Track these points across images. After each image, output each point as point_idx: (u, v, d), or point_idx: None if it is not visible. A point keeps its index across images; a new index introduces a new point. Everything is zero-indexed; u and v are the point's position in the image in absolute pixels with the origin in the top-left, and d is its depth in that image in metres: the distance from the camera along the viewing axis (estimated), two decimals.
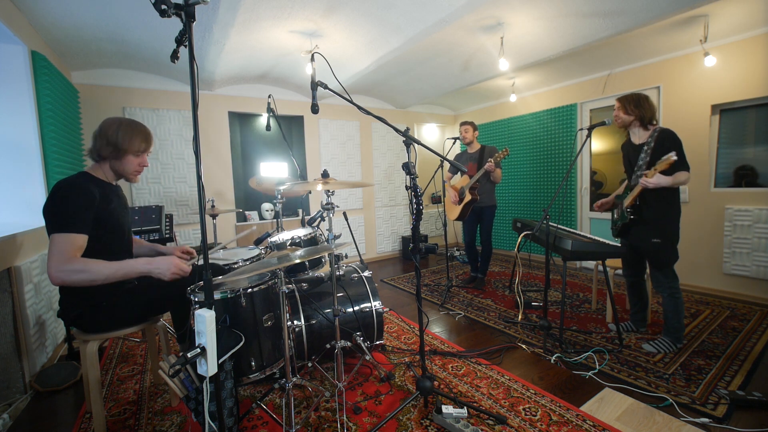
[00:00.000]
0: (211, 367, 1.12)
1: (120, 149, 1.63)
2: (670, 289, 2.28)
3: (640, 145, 2.32)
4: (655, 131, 2.25)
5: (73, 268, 1.43)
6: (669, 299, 2.29)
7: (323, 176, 1.99)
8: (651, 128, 2.30)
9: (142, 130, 1.70)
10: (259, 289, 1.68)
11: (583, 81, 4.33)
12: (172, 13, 1.05)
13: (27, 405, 2.02)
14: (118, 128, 1.63)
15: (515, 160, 5.15)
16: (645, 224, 2.31)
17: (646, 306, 2.61)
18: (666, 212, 2.25)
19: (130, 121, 1.69)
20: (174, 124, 3.91)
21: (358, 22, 2.94)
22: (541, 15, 2.80)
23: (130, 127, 1.66)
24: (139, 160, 1.71)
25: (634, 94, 2.35)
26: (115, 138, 1.62)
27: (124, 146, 1.63)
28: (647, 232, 2.29)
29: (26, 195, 2.44)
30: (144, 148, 1.70)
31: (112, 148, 1.63)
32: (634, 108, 2.29)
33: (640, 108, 2.28)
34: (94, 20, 2.65)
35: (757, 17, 2.87)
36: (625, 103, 2.32)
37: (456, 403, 1.79)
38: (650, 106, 2.30)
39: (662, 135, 2.21)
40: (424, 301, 3.50)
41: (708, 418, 1.69)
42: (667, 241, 2.24)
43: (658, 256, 2.28)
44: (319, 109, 1.76)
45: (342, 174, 5.16)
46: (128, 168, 1.69)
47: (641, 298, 2.59)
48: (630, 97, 2.33)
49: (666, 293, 2.29)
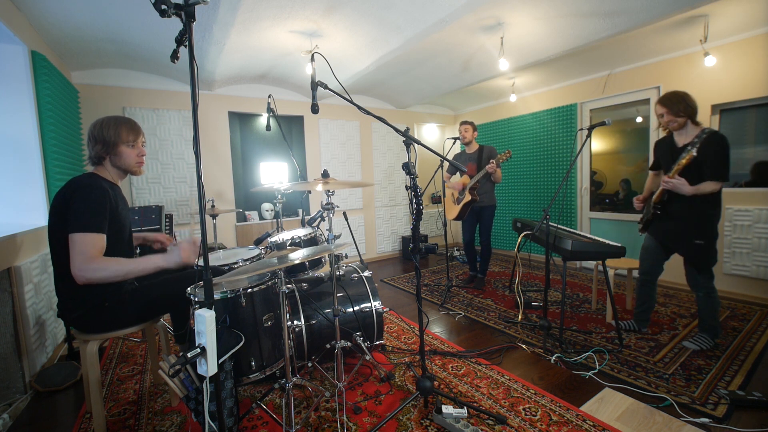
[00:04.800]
0: (211, 367, 1.12)
1: (110, 143, 1.65)
2: (706, 289, 2.25)
3: (683, 147, 2.17)
4: (704, 132, 2.10)
5: (95, 266, 1.46)
6: (705, 299, 2.27)
7: (323, 176, 1.99)
8: (699, 128, 2.17)
9: (125, 120, 1.72)
10: (259, 289, 1.68)
11: (583, 81, 4.33)
12: (172, 13, 1.05)
13: (27, 405, 2.02)
14: (101, 125, 1.66)
15: (515, 160, 5.14)
16: (686, 223, 2.22)
17: (652, 307, 2.59)
18: (708, 213, 2.17)
19: (112, 116, 1.71)
20: (174, 124, 3.91)
21: (358, 22, 2.94)
22: (541, 15, 2.80)
23: (112, 120, 1.69)
24: (136, 151, 1.73)
25: (675, 94, 2.21)
26: (101, 134, 1.64)
27: (112, 139, 1.65)
28: (689, 233, 2.22)
29: (26, 195, 2.44)
30: (133, 137, 1.71)
31: (101, 145, 1.65)
32: (685, 108, 2.16)
33: (691, 105, 2.15)
34: (94, 20, 2.65)
35: (757, 17, 2.87)
36: (674, 106, 2.18)
37: (456, 403, 1.79)
38: (694, 102, 2.18)
39: (710, 139, 2.07)
40: (424, 301, 3.50)
41: (708, 418, 1.69)
42: (709, 242, 2.18)
43: (701, 257, 2.22)
44: (319, 109, 1.76)
45: (342, 174, 5.16)
46: (128, 160, 1.71)
47: (650, 298, 2.55)
48: (674, 97, 2.19)
49: (702, 292, 2.27)
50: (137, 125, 1.75)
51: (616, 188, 4.40)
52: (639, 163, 4.17)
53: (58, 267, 1.57)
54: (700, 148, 2.06)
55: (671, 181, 2.12)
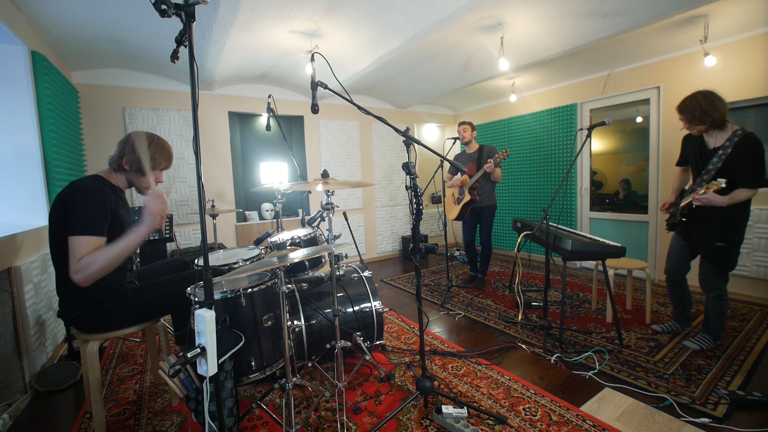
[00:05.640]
0: (211, 367, 1.12)
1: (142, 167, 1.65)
2: (717, 291, 2.24)
3: (714, 149, 2.09)
4: (735, 135, 2.01)
5: (84, 263, 1.44)
6: (715, 300, 2.26)
7: (323, 176, 1.99)
8: (728, 130, 2.06)
9: (168, 149, 1.73)
10: (259, 289, 1.68)
11: (583, 81, 4.33)
12: (172, 13, 1.05)
13: (27, 405, 2.02)
14: (151, 145, 1.66)
15: (515, 160, 5.15)
16: (710, 225, 2.17)
17: (690, 304, 2.53)
18: (735, 216, 2.10)
19: (159, 140, 1.72)
20: (174, 124, 3.91)
21: (358, 22, 2.94)
22: (541, 15, 2.80)
23: (160, 146, 1.70)
24: (157, 177, 1.74)
25: (694, 98, 2.08)
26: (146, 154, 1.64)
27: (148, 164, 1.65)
28: (712, 235, 2.17)
29: (26, 195, 2.43)
30: (164, 166, 1.73)
31: (138, 165, 1.65)
32: (701, 116, 2.05)
33: (709, 112, 2.02)
34: (93, 20, 2.65)
35: (757, 17, 2.87)
36: (690, 114, 2.08)
37: (456, 403, 1.79)
38: (718, 103, 2.02)
39: (743, 143, 1.98)
40: (424, 301, 3.50)
41: (708, 418, 1.69)
42: (732, 245, 2.13)
43: (721, 260, 2.18)
44: (319, 109, 1.76)
45: (342, 174, 5.16)
46: (143, 183, 1.72)
47: (684, 296, 2.50)
48: (690, 103, 2.08)
49: (712, 294, 2.26)
50: (173, 157, 1.77)
51: (616, 188, 4.39)
52: (639, 163, 4.17)
53: (59, 267, 1.57)
54: (733, 152, 2.00)
55: (703, 198, 2.03)
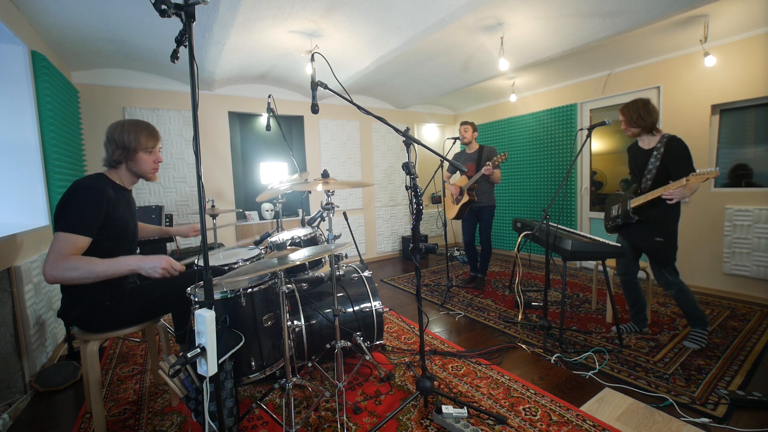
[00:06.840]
0: (211, 367, 1.12)
1: (129, 149, 1.66)
2: (676, 285, 2.36)
3: (649, 150, 2.36)
4: (664, 137, 2.30)
5: (66, 265, 1.43)
6: (679, 294, 2.37)
7: (323, 176, 1.99)
8: (658, 134, 2.34)
9: (146, 126, 1.72)
10: (259, 289, 1.68)
11: (583, 81, 4.33)
12: (172, 13, 1.05)
13: (27, 405, 2.02)
14: (122, 129, 1.66)
15: (515, 160, 5.15)
16: (647, 224, 2.37)
17: (644, 305, 2.63)
18: (668, 212, 2.32)
19: (133, 120, 1.72)
20: (174, 124, 3.91)
21: (358, 22, 2.94)
22: (541, 15, 2.80)
23: (133, 125, 1.69)
24: (153, 157, 1.74)
25: (634, 103, 2.34)
26: (121, 139, 1.65)
27: (132, 145, 1.66)
28: (650, 232, 2.36)
29: (26, 195, 2.43)
30: (152, 144, 1.72)
31: (121, 151, 1.66)
32: (638, 119, 2.32)
33: (644, 117, 2.31)
34: (93, 20, 2.65)
35: (757, 17, 2.87)
36: (629, 116, 2.35)
37: (456, 403, 1.79)
38: (652, 111, 2.32)
39: (671, 143, 2.27)
40: (424, 301, 3.50)
41: (708, 418, 1.69)
42: (669, 239, 2.32)
43: (662, 254, 2.35)
44: (319, 109, 1.76)
45: (342, 174, 5.16)
46: (144, 166, 1.72)
47: (638, 297, 2.60)
48: (631, 107, 2.34)
49: (674, 290, 2.37)
50: (156, 131, 1.76)
51: (616, 188, 4.39)
52: None
53: None
54: (665, 150, 2.27)
55: (675, 193, 2.16)
